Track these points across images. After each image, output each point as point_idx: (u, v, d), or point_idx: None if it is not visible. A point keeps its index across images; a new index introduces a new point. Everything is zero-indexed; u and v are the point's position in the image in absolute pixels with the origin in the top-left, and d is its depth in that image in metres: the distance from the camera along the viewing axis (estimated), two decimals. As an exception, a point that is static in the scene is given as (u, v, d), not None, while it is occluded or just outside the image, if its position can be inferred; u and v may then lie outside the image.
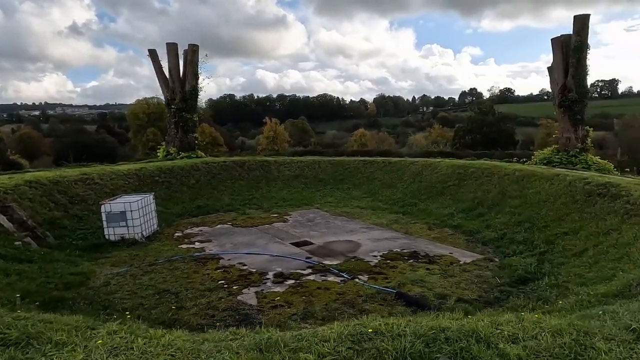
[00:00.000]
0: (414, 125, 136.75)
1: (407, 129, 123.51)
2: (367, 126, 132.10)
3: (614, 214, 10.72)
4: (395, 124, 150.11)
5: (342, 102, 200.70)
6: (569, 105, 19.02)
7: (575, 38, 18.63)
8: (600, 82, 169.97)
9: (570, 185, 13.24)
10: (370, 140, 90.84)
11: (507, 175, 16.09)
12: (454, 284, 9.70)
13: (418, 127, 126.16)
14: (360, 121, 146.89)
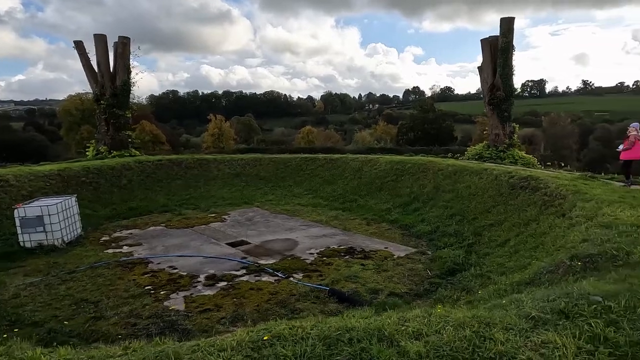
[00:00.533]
0: (361, 122, 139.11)
1: (354, 126, 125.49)
2: (314, 123, 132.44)
3: (534, 205, 11.39)
4: (343, 121, 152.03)
5: (290, 99, 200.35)
6: (497, 103, 20.06)
7: (502, 39, 19.67)
8: (529, 82, 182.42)
9: (497, 179, 13.93)
10: (317, 137, 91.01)
11: (441, 170, 16.67)
12: (387, 279, 9.83)
13: (365, 124, 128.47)
14: (308, 118, 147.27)
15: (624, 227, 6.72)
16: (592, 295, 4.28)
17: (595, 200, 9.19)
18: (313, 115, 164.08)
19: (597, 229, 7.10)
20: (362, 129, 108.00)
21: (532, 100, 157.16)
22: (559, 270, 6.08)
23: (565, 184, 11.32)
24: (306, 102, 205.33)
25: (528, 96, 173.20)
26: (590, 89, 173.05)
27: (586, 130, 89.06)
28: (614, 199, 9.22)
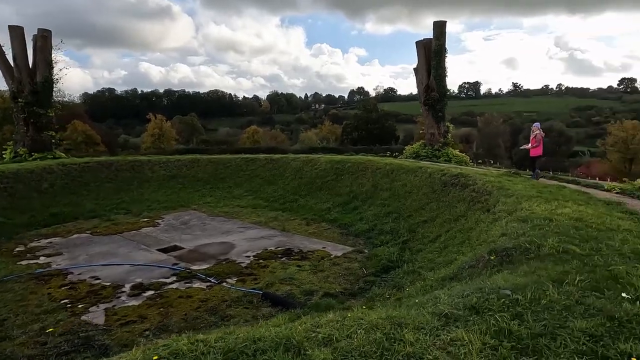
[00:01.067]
0: (307, 122, 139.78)
1: (301, 126, 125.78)
2: (260, 123, 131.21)
3: (463, 202, 11.85)
4: (289, 120, 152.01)
5: (235, 99, 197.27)
6: (432, 103, 20.81)
7: (435, 42, 20.43)
8: (466, 83, 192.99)
9: (431, 177, 14.38)
10: (263, 137, 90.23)
11: (379, 169, 16.96)
12: (323, 279, 9.76)
13: (311, 124, 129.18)
14: (254, 118, 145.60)
15: (538, 221, 7.11)
16: (502, 289, 4.41)
17: (516, 196, 9.70)
18: (259, 115, 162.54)
19: (515, 223, 7.46)
20: (308, 129, 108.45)
21: (468, 101, 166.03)
22: (479, 264, 6.28)
23: (492, 181, 11.89)
24: (252, 101, 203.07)
25: (465, 97, 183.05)
26: (519, 91, 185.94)
27: (516, 130, 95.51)
28: (532, 194, 9.78)
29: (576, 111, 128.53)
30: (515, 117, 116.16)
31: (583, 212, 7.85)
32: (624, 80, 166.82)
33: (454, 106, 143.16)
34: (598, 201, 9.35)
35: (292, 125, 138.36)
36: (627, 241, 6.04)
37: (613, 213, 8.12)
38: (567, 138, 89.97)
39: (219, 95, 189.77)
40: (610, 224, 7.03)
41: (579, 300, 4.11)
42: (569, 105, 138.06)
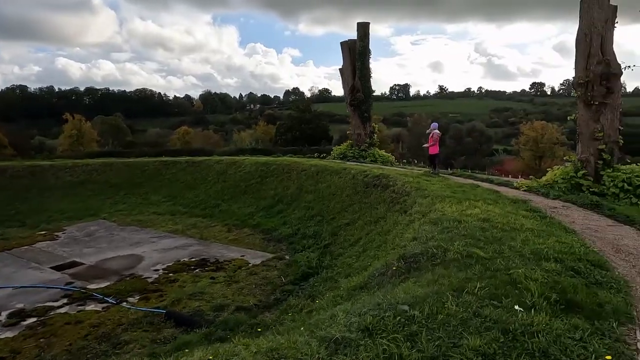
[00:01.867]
0: (242, 122, 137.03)
1: (235, 126, 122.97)
2: (193, 123, 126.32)
3: (383, 203, 11.77)
4: (224, 121, 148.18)
5: (166, 98, 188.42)
6: (358, 104, 20.85)
7: (360, 43, 20.47)
8: (396, 86, 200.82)
9: (354, 178, 14.23)
10: (194, 138, 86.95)
11: (305, 171, 16.57)
12: (237, 291, 9.10)
13: (246, 125, 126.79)
14: (186, 118, 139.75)
15: (448, 223, 7.04)
16: (400, 304, 4.08)
17: (432, 197, 9.72)
18: (191, 115, 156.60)
19: (426, 226, 7.35)
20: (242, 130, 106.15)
21: (399, 103, 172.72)
22: (388, 272, 6.01)
23: (410, 181, 11.93)
24: (184, 101, 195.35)
25: (396, 99, 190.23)
26: (445, 93, 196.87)
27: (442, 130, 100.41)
28: (447, 194, 9.87)
29: (495, 112, 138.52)
30: (441, 117, 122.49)
31: (491, 211, 7.95)
32: (535, 84, 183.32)
33: (385, 107, 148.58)
34: (506, 199, 9.63)
35: (227, 125, 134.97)
36: (528, 241, 6.08)
37: (519, 211, 8.33)
38: (487, 137, 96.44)
39: (148, 94, 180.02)
40: (515, 223, 7.13)
41: (476, 312, 3.88)
42: (488, 107, 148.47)
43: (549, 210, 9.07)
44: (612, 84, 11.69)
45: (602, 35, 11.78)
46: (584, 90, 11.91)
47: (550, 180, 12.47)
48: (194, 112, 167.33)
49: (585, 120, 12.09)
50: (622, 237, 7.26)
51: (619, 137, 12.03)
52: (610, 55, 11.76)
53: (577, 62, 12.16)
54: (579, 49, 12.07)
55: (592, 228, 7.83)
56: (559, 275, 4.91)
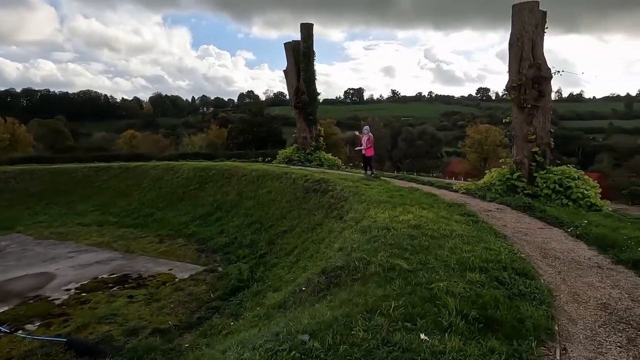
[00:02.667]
0: (195, 125, 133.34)
1: (187, 130, 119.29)
2: (142, 127, 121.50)
3: (322, 209, 11.30)
4: (176, 124, 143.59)
5: (112, 100, 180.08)
6: (303, 106, 20.36)
7: (303, 44, 20.01)
8: (351, 89, 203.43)
9: (295, 183, 13.69)
10: (142, 142, 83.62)
11: (245, 176, 15.83)
12: (156, 311, 8.25)
13: (199, 128, 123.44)
14: (135, 121, 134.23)
15: (377, 231, 6.63)
16: (302, 333, 3.55)
17: (368, 202, 9.35)
18: (141, 118, 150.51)
19: (356, 235, 6.91)
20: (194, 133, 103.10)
21: (354, 106, 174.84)
22: (309, 288, 5.49)
23: (350, 186, 11.54)
24: (132, 103, 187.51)
25: (350, 102, 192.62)
26: (397, 97, 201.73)
27: (395, 133, 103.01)
28: (383, 199, 9.54)
29: (445, 116, 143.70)
30: (394, 121, 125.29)
31: (424, 217, 7.66)
32: (481, 89, 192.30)
33: (340, 111, 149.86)
34: (442, 203, 9.43)
35: (179, 129, 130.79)
36: (456, 249, 5.77)
37: (452, 216, 8.12)
38: (437, 140, 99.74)
39: (93, 96, 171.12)
40: (445, 229, 6.84)
41: (385, 339, 3.41)
42: (439, 111, 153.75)
43: (483, 214, 8.96)
44: (543, 87, 11.91)
45: (532, 39, 11.99)
46: (517, 93, 12.07)
47: (487, 182, 12.54)
48: (143, 115, 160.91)
49: (519, 122, 12.25)
50: (551, 240, 7.18)
51: (551, 140, 12.29)
52: (541, 59, 12.00)
53: (511, 65, 12.33)
54: (511, 53, 12.23)
55: (522, 231, 7.73)
56: (482, 287, 4.59)
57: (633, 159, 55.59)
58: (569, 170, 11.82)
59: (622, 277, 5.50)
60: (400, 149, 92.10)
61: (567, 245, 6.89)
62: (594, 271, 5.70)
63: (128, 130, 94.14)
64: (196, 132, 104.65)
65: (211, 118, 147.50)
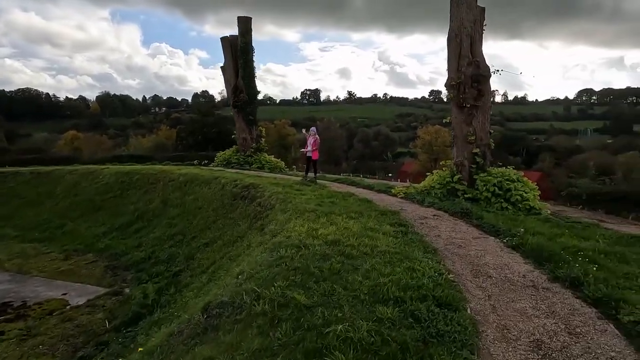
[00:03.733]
0: (146, 126, 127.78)
1: (137, 131, 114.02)
2: (89, 127, 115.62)
3: (247, 218, 10.15)
4: (125, 124, 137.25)
5: (55, 99, 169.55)
6: (242, 106, 19.09)
7: (241, 39, 18.75)
8: (307, 90, 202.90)
9: (223, 189, 12.43)
10: (85, 143, 78.86)
11: (173, 181, 14.36)
12: (29, 350, 6.77)
13: (149, 129, 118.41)
14: (80, 121, 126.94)
15: (285, 250, 5.59)
16: None
17: (292, 211, 8.30)
18: (87, 119, 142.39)
19: (263, 254, 5.84)
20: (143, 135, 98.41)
21: (310, 107, 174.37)
22: (186, 331, 4.34)
23: (280, 192, 10.45)
24: (78, 102, 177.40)
25: (307, 103, 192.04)
26: (353, 98, 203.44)
27: (352, 134, 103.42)
28: (311, 207, 8.53)
29: (399, 117, 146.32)
30: (351, 122, 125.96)
31: (347, 230, 6.71)
32: (433, 92, 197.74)
33: (297, 111, 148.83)
34: (375, 211, 8.55)
35: (128, 130, 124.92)
36: (372, 273, 4.83)
37: (382, 226, 7.22)
38: (392, 141, 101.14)
39: (33, 95, 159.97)
40: (367, 245, 5.91)
41: None
42: (393, 112, 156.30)
43: (417, 222, 8.15)
44: (482, 86, 11.38)
45: (471, 35, 11.44)
46: (456, 92, 11.49)
47: (427, 185, 11.88)
48: (90, 115, 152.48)
49: (458, 123, 11.67)
50: (485, 253, 6.43)
51: (491, 141, 11.80)
52: (480, 57, 11.47)
53: (449, 63, 11.73)
54: (450, 49, 11.64)
55: (456, 242, 6.96)
56: (392, 327, 3.64)
57: (571, 159, 58.85)
58: (509, 172, 11.35)
59: (558, 299, 4.77)
60: (356, 150, 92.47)
61: (501, 259, 6.16)
62: (528, 293, 4.94)
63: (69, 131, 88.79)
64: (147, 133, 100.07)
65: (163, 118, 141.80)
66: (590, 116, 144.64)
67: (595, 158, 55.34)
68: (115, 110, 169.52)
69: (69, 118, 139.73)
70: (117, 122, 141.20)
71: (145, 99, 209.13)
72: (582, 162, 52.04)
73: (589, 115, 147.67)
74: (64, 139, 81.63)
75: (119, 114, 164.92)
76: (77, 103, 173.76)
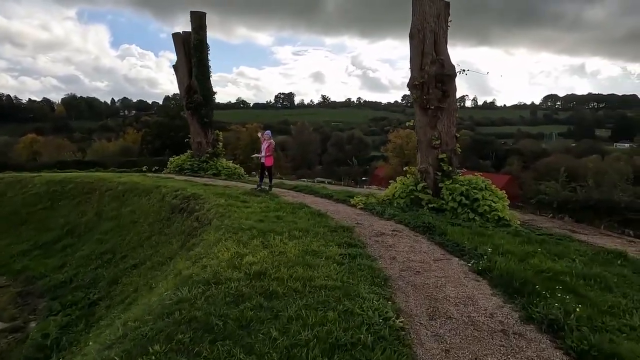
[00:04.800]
0: (114, 129, 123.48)
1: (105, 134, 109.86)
2: (53, 130, 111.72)
3: (181, 235, 8.81)
4: (92, 128, 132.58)
5: (17, 101, 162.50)
6: (196, 107, 17.65)
7: (195, 36, 17.32)
8: (281, 94, 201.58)
9: (163, 200, 11.02)
10: (45, 147, 75.20)
11: (110, 190, 12.81)
12: None
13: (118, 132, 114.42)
14: (44, 125, 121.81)
15: (188, 290, 4.32)
16: None
17: (225, 229, 7.02)
18: (52, 122, 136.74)
19: (169, 291, 4.57)
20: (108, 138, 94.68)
21: (284, 111, 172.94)
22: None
23: (221, 204, 9.15)
24: (42, 105, 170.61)
25: (281, 107, 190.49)
26: (327, 102, 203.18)
27: (325, 138, 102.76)
28: (250, 223, 7.28)
29: (373, 121, 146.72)
30: (324, 126, 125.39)
31: (283, 254, 5.51)
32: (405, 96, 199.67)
33: (271, 115, 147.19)
34: (324, 227, 7.39)
35: (95, 133, 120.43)
36: (296, 321, 3.64)
37: (328, 248, 6.06)
38: (365, 144, 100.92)
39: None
40: (302, 276, 4.74)
41: None
42: (367, 116, 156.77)
43: (372, 240, 7.03)
44: (447, 86, 10.43)
45: (435, 32, 10.49)
46: (420, 92, 10.51)
47: (390, 195, 10.83)
48: (54, 118, 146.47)
49: (422, 126, 10.69)
50: (446, 282, 5.35)
51: (457, 146, 10.87)
52: (444, 55, 10.52)
53: (412, 61, 10.75)
54: (412, 46, 10.66)
55: (414, 267, 5.86)
56: None
57: (538, 162, 60.07)
58: (476, 179, 10.42)
59: (535, 352, 3.70)
60: (330, 154, 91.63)
61: (465, 290, 5.08)
62: (497, 342, 3.86)
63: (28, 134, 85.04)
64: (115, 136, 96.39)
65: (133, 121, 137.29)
66: (555, 121, 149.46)
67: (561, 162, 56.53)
68: (82, 113, 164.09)
69: (32, 121, 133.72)
70: (83, 126, 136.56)
71: (114, 101, 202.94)
72: (547, 165, 53.19)
73: (553, 119, 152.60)
74: (22, 142, 78.03)
75: (86, 117, 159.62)
76: (40, 105, 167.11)
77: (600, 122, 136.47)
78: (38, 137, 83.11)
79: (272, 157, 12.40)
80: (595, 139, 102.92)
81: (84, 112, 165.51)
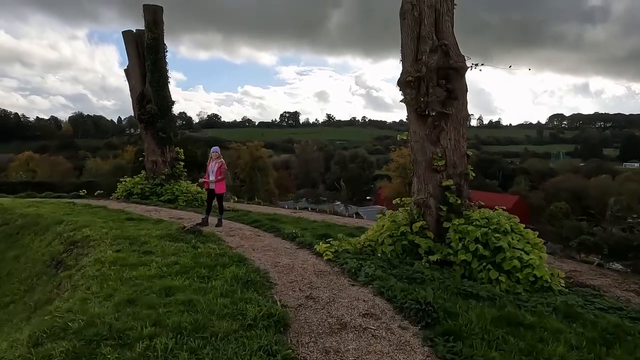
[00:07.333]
0: (119, 147, 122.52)
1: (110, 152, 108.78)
2: (59, 148, 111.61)
3: (49, 295, 5.56)
4: (98, 146, 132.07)
5: (25, 120, 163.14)
6: (150, 120, 14.64)
7: (149, 35, 14.41)
8: (287, 113, 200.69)
9: (50, 245, 7.79)
10: (41, 165, 73.57)
11: (6, 225, 9.69)
12: None
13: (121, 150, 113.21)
14: (50, 143, 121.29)
15: None
16: None
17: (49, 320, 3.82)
18: (58, 140, 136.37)
19: None
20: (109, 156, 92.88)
21: (289, 130, 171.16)
22: None
23: (107, 258, 5.91)
24: (49, 123, 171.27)
25: (286, 126, 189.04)
26: (332, 121, 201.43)
27: (329, 156, 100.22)
28: (108, 311, 4.06)
29: (377, 140, 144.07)
30: (329, 144, 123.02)
31: None
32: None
33: (276, 134, 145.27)
34: (238, 316, 4.16)
35: (101, 151, 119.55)
36: None
37: None
38: (369, 164, 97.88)
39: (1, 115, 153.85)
40: None
41: None
42: (372, 135, 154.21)
43: (318, 349, 3.77)
44: (454, 83, 7.27)
45: (436, 7, 7.39)
46: (415, 92, 7.34)
47: (373, 239, 7.52)
48: (60, 136, 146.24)
49: (419, 140, 7.49)
50: None
51: (469, 168, 7.64)
52: (450, 39, 7.38)
53: (404, 49, 7.62)
54: (404, 28, 7.55)
55: None
56: None
57: (547, 182, 58.19)
58: (498, 217, 7.08)
59: None
60: (334, 173, 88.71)
61: None
62: None
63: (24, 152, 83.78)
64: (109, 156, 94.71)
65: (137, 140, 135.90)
66: (562, 140, 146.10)
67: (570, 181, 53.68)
68: (88, 131, 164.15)
69: (38, 139, 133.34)
70: (89, 144, 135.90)
71: (121, 120, 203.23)
72: (556, 185, 50.98)
73: (560, 139, 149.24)
74: (17, 160, 76.43)
75: (92, 135, 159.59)
76: (47, 123, 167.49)
77: (608, 142, 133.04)
78: (34, 154, 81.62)
79: (224, 183, 9.31)
80: (604, 159, 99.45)
81: (90, 130, 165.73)
